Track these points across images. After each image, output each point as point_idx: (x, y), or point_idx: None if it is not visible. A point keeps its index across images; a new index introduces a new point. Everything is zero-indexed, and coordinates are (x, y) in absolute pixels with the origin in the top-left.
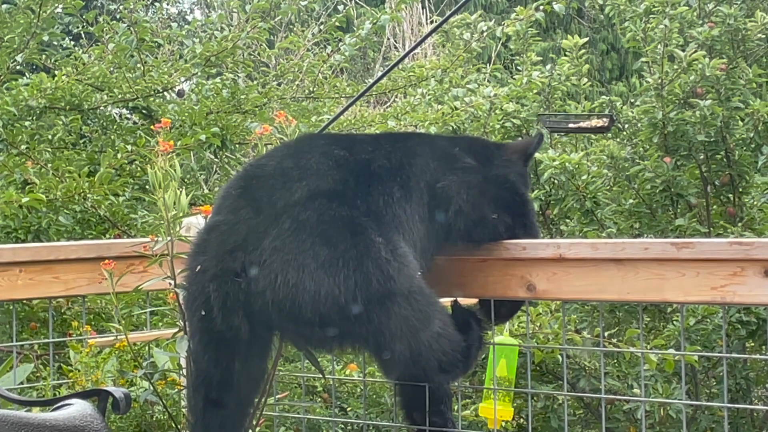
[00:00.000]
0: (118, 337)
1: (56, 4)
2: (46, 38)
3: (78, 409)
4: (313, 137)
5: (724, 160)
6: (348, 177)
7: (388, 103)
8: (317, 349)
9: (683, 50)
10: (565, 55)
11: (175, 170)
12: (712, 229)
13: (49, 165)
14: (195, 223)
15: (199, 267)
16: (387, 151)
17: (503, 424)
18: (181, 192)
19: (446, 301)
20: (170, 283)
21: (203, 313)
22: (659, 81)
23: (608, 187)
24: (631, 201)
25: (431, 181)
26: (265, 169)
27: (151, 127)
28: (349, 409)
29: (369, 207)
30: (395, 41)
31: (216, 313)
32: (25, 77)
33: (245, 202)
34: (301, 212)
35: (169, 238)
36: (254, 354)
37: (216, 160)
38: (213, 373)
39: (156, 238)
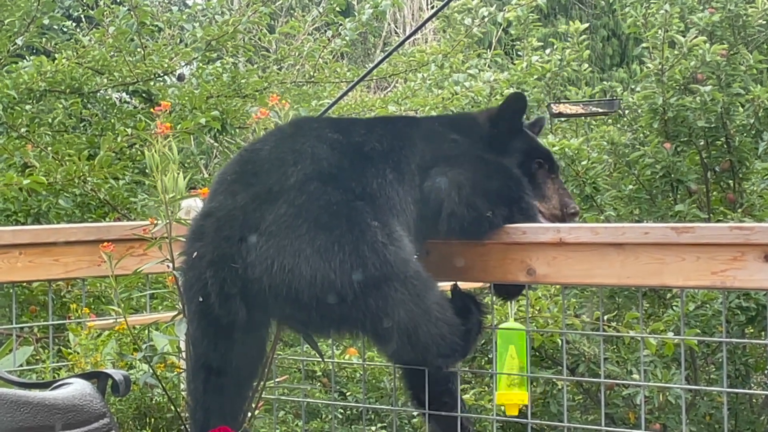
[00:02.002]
0: (118, 320)
1: None
2: (46, 22)
3: (77, 388)
4: (307, 121)
5: (725, 146)
6: (342, 160)
7: (389, 88)
8: (315, 334)
9: (684, 36)
10: (566, 40)
11: (172, 153)
12: (711, 215)
13: (49, 148)
14: (194, 206)
15: (196, 253)
16: (379, 134)
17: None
18: (179, 174)
19: (446, 285)
20: (168, 266)
21: (201, 299)
22: (660, 67)
23: (608, 173)
24: (630, 187)
25: (421, 163)
26: (261, 154)
27: (151, 110)
28: (348, 393)
29: (364, 189)
30: (396, 26)
31: (214, 299)
32: (25, 60)
33: (240, 187)
34: (297, 197)
35: (167, 221)
36: (252, 338)
37: (216, 144)
38: (212, 357)
39: (155, 221)
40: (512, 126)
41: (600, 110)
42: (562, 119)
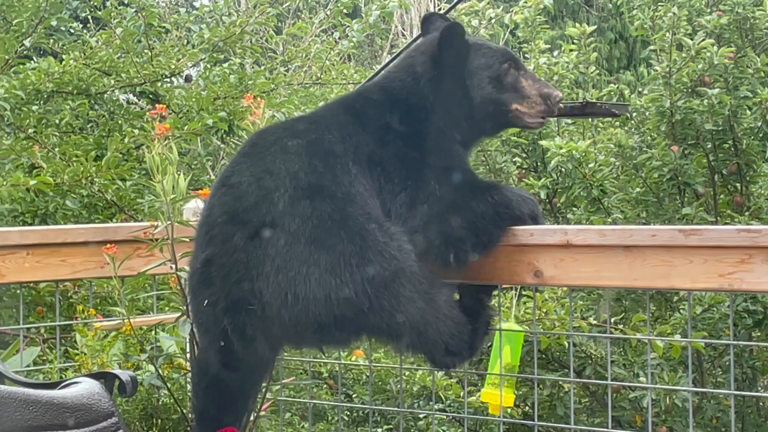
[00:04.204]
0: (124, 321)
1: None
2: (54, 23)
3: (85, 387)
4: (261, 135)
5: (732, 149)
6: (313, 164)
7: None
8: (333, 347)
9: (691, 39)
10: (574, 43)
11: (173, 154)
12: (719, 218)
13: (57, 149)
14: (199, 208)
15: (207, 301)
16: (325, 127)
17: (509, 410)
18: (179, 176)
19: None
20: (171, 267)
21: (222, 343)
22: (667, 69)
23: (615, 176)
24: (638, 189)
25: (372, 156)
26: (242, 188)
27: (147, 113)
28: (355, 395)
29: (343, 191)
30: (403, 28)
31: (237, 344)
32: (33, 61)
33: (234, 228)
34: (291, 222)
35: (168, 222)
36: (266, 357)
37: (223, 145)
38: (222, 372)
39: (156, 223)
40: (460, 54)
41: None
42: (569, 122)
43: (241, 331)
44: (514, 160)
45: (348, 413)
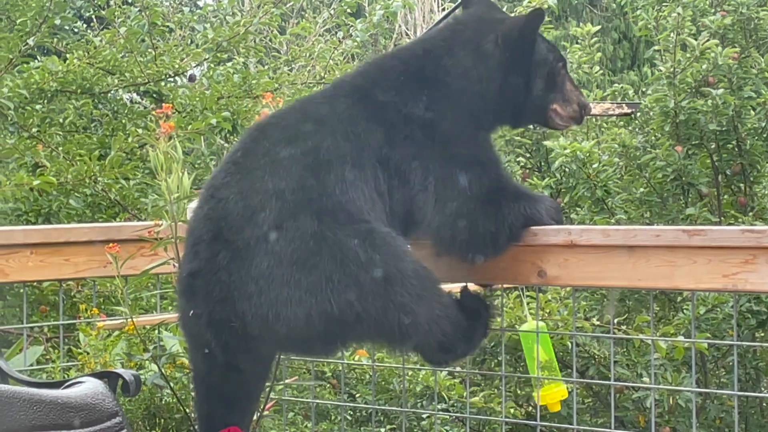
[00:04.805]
0: (127, 321)
1: None
2: (57, 22)
3: (90, 386)
4: (256, 139)
5: (736, 149)
6: (303, 178)
7: None
8: (322, 357)
9: (695, 39)
10: (577, 43)
11: (177, 153)
12: (722, 218)
13: (60, 148)
14: None
15: (192, 312)
16: (332, 127)
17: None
18: (183, 175)
19: (457, 287)
20: (174, 266)
21: (207, 351)
22: (671, 69)
23: (619, 176)
24: (642, 190)
25: (383, 156)
26: (229, 205)
27: (152, 112)
28: (358, 395)
29: (334, 201)
30: (407, 28)
31: (221, 357)
32: (36, 61)
33: (220, 246)
34: (274, 244)
35: (171, 222)
36: (257, 367)
37: (227, 145)
38: (216, 382)
39: (159, 222)
40: (532, 42)
41: (622, 111)
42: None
43: (224, 346)
44: (518, 159)
45: (351, 413)
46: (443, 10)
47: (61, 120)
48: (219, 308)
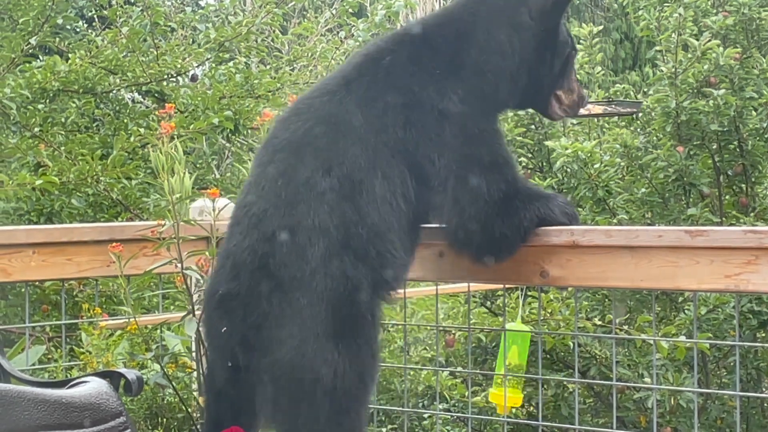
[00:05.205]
0: (129, 320)
1: None
2: (60, 21)
3: (94, 386)
4: (292, 169)
5: (737, 149)
6: (343, 207)
7: None
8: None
9: (697, 39)
10: (579, 43)
11: (179, 153)
12: (724, 219)
13: (62, 148)
14: (206, 207)
15: (225, 329)
16: (364, 141)
17: (513, 410)
18: (184, 175)
19: (459, 287)
20: (177, 266)
21: (230, 365)
22: (673, 70)
23: (621, 176)
24: (643, 190)
25: (412, 161)
26: (276, 242)
27: (154, 112)
28: None
29: (368, 233)
30: None
31: (244, 372)
32: (39, 60)
33: (264, 276)
34: (319, 283)
35: (174, 222)
36: None
37: (228, 144)
38: (230, 389)
39: (162, 222)
40: (561, 17)
41: (624, 110)
42: (575, 122)
43: (250, 365)
44: (519, 159)
45: None
46: None
47: (63, 119)
48: (254, 333)
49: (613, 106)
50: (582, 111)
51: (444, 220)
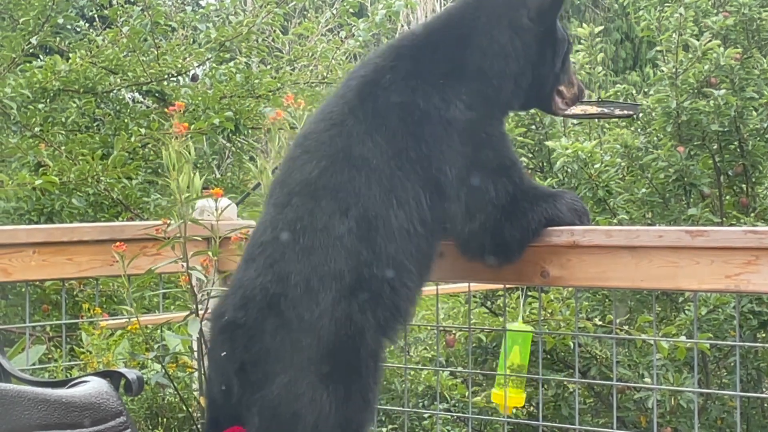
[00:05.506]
0: (130, 320)
1: None
2: (60, 21)
3: (94, 386)
4: (310, 214)
5: (738, 150)
6: (360, 249)
7: None
8: None
9: (698, 39)
10: (580, 43)
11: (189, 152)
12: (724, 219)
13: (63, 147)
14: (208, 207)
15: (224, 353)
16: (378, 172)
17: (514, 410)
18: (194, 175)
19: (460, 287)
20: (183, 266)
21: (225, 388)
22: (673, 70)
23: (621, 176)
24: (643, 190)
25: (426, 179)
26: (289, 284)
27: (165, 110)
28: None
29: (382, 272)
30: (409, 27)
31: (237, 395)
32: (39, 60)
33: (272, 313)
34: (326, 326)
35: (181, 221)
36: None
37: (229, 144)
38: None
39: (168, 221)
40: (557, 14)
41: (621, 112)
42: (575, 122)
43: (245, 391)
44: (520, 160)
45: None
46: None
47: (63, 119)
48: (252, 365)
49: (611, 108)
50: (579, 111)
51: (457, 230)
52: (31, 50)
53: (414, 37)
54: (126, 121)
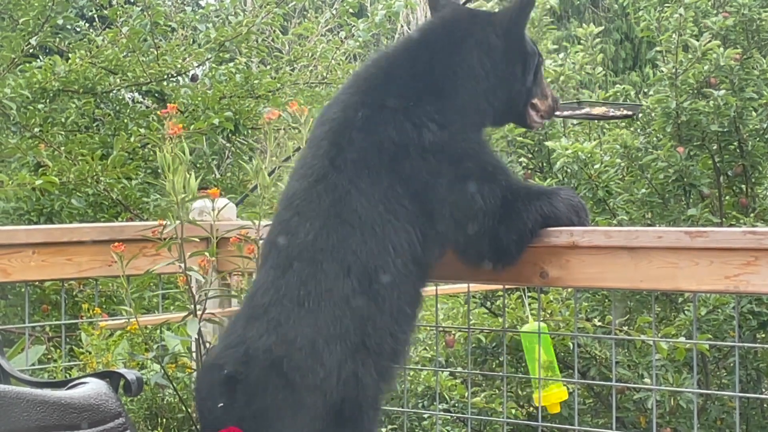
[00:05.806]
0: (129, 320)
1: None
2: (60, 21)
3: (93, 387)
4: (311, 277)
5: (737, 150)
6: (362, 307)
7: None
8: None
9: (697, 40)
10: (580, 43)
11: (184, 153)
12: (724, 219)
13: (62, 148)
14: (207, 207)
15: (221, 405)
16: (371, 223)
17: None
18: (190, 175)
19: (459, 287)
20: (180, 266)
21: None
22: (673, 70)
23: (621, 177)
24: (643, 190)
25: (415, 216)
26: (294, 347)
27: (158, 112)
28: None
29: (383, 330)
30: (409, 28)
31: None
32: (39, 60)
33: (276, 376)
34: (335, 388)
35: (177, 222)
36: None
37: (228, 144)
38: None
39: (164, 222)
40: (524, 30)
41: (620, 113)
42: (575, 122)
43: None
44: (519, 160)
45: None
46: None
47: (63, 119)
48: (251, 419)
49: (614, 110)
50: (581, 113)
51: (452, 245)
52: (30, 50)
53: (380, 64)
54: (125, 121)
